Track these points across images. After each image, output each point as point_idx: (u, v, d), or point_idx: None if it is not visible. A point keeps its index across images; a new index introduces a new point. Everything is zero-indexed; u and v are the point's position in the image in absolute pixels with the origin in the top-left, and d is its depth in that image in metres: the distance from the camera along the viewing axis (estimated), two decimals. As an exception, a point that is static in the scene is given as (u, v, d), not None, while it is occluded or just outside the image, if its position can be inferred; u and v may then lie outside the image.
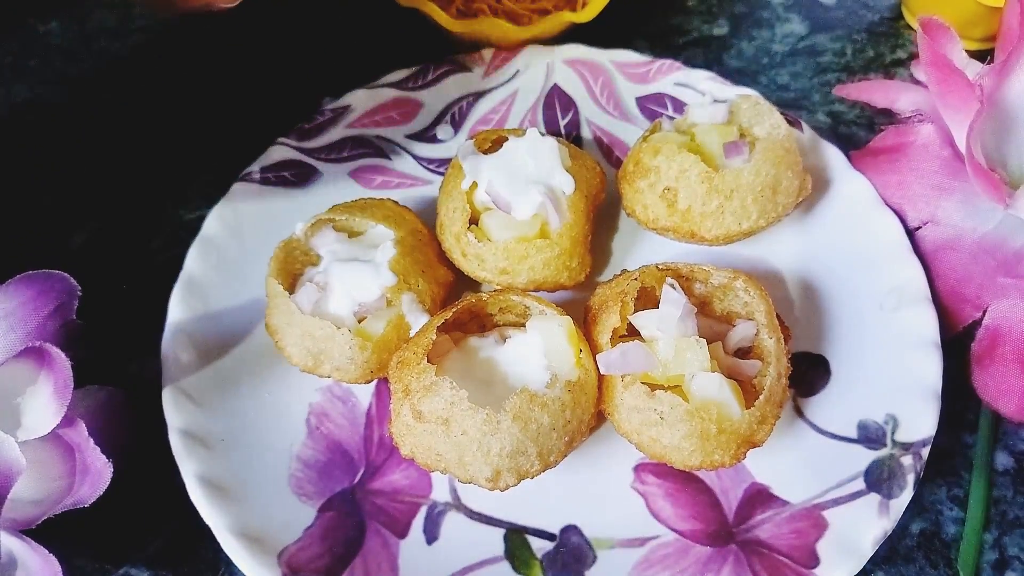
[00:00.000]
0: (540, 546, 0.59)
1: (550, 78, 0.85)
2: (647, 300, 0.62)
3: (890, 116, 0.76)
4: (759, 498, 0.60)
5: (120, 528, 0.62)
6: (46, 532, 0.51)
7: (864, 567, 0.56)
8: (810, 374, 0.66)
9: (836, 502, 0.59)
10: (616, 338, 0.59)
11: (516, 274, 0.65)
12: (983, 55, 0.72)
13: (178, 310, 0.67)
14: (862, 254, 0.70)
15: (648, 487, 0.61)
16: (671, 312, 0.58)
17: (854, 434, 0.62)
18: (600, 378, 0.58)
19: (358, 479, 0.62)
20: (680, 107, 0.82)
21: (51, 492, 0.54)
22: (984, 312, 0.65)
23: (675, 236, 0.69)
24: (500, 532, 0.60)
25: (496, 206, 0.66)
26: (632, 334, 0.61)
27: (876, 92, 0.76)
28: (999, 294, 0.65)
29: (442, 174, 0.79)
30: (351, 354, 0.60)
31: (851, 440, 0.62)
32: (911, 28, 0.94)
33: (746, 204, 0.66)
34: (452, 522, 0.60)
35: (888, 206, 0.71)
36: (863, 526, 0.57)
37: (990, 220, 0.68)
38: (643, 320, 0.59)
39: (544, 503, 0.61)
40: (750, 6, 0.98)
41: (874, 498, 0.58)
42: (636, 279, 0.61)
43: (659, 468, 0.62)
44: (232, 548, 0.56)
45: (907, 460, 0.59)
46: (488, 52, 0.86)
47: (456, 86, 0.85)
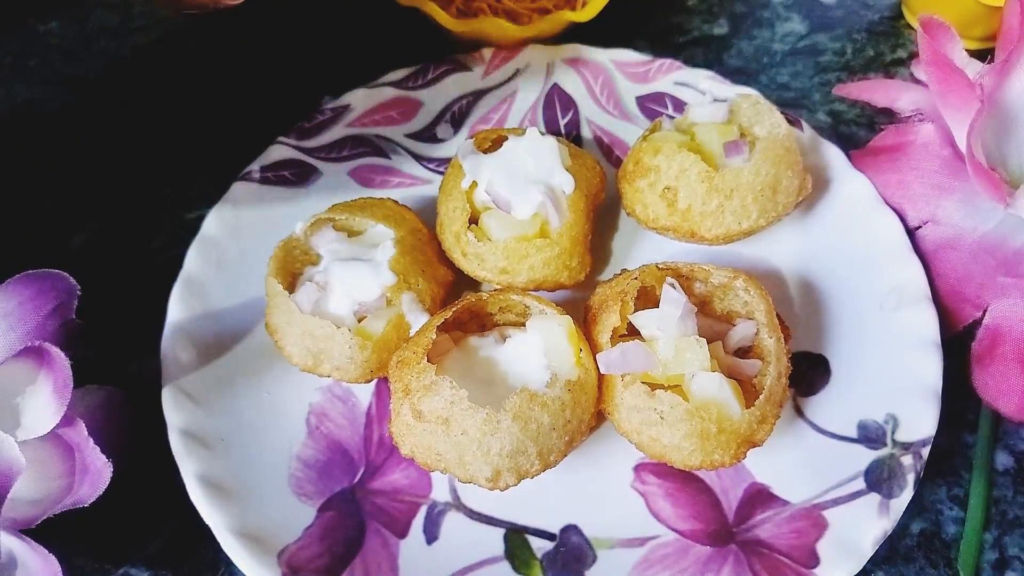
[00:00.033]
0: (540, 546, 0.59)
1: (550, 77, 0.85)
2: (647, 300, 0.62)
3: (890, 115, 0.76)
4: (759, 498, 0.60)
5: (120, 528, 0.62)
6: (46, 532, 0.51)
7: (864, 567, 0.56)
8: (810, 374, 0.66)
9: (836, 502, 0.59)
10: (616, 338, 0.59)
11: (516, 273, 0.65)
12: (983, 55, 0.72)
13: (178, 310, 0.67)
14: (862, 254, 0.70)
15: (648, 487, 0.61)
16: (671, 312, 0.58)
17: (854, 434, 0.62)
18: (600, 378, 0.58)
19: (358, 479, 0.62)
20: (680, 106, 0.82)
21: (51, 492, 0.54)
22: (984, 312, 0.65)
23: (675, 235, 0.69)
24: (500, 532, 0.60)
25: (496, 205, 0.66)
26: (632, 334, 0.61)
27: (876, 91, 0.76)
28: (999, 294, 0.65)
29: (442, 173, 0.79)
30: (351, 353, 0.60)
31: (851, 440, 0.62)
32: (911, 27, 0.94)
33: (746, 203, 0.66)
34: (452, 522, 0.60)
35: (888, 206, 0.71)
36: (863, 526, 0.57)
37: (990, 220, 0.67)
38: (643, 320, 0.59)
39: (544, 503, 0.61)
40: (750, 5, 0.98)
41: (874, 498, 0.58)
42: (636, 279, 0.61)
43: (659, 468, 0.62)
44: (232, 548, 0.56)
45: (907, 460, 0.59)
46: (488, 52, 0.86)
47: (456, 85, 0.85)
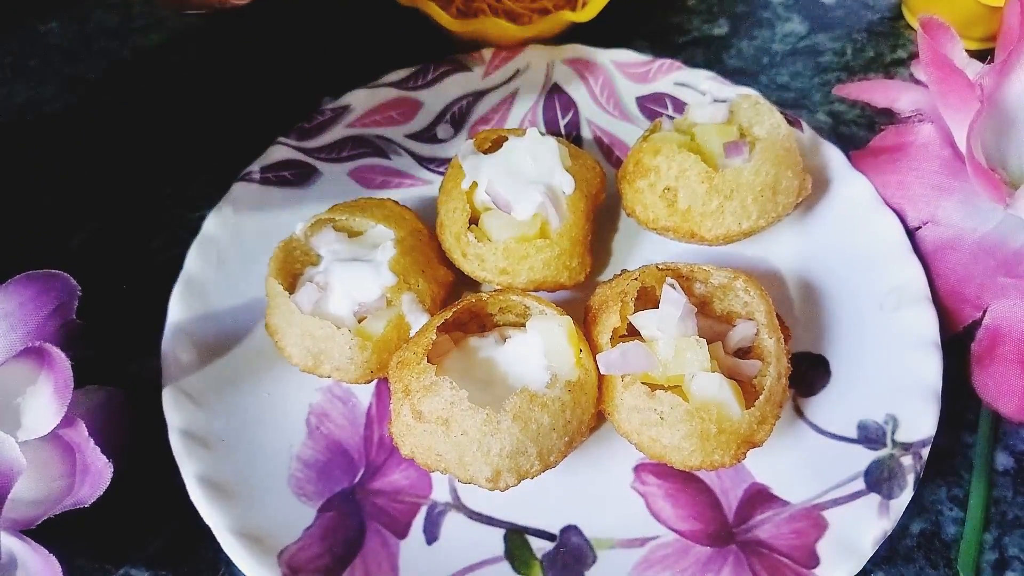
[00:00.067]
0: (540, 546, 0.59)
1: (550, 78, 0.85)
2: (647, 300, 0.62)
3: (890, 116, 0.76)
4: (759, 498, 0.60)
5: (120, 528, 0.62)
6: (46, 532, 0.51)
7: (864, 567, 0.56)
8: (810, 374, 0.66)
9: (836, 502, 0.59)
10: (616, 338, 0.59)
11: (516, 274, 0.65)
12: (983, 55, 0.72)
13: (178, 310, 0.67)
14: (862, 254, 0.70)
15: (648, 487, 0.61)
16: (671, 312, 0.58)
17: (854, 434, 0.62)
18: (600, 378, 0.58)
19: (358, 479, 0.62)
20: (680, 107, 0.82)
21: (51, 492, 0.54)
22: (984, 312, 0.65)
23: (675, 236, 0.69)
24: (500, 532, 0.60)
25: (496, 206, 0.66)
26: (632, 334, 0.61)
27: (876, 92, 0.76)
28: (999, 294, 0.65)
29: (442, 174, 0.79)
30: (351, 354, 0.60)
31: (851, 440, 0.62)
32: (911, 28, 0.94)
33: (746, 204, 0.66)
34: (452, 522, 0.60)
35: (888, 206, 0.71)
36: (863, 526, 0.57)
37: (990, 220, 0.67)
38: (643, 320, 0.59)
39: (544, 503, 0.61)
40: (750, 6, 0.98)
41: (874, 498, 0.58)
42: (636, 279, 0.61)
43: (659, 468, 0.62)
44: (232, 548, 0.56)
45: (907, 460, 0.59)
46: (488, 52, 0.86)
47: (456, 86, 0.85)
